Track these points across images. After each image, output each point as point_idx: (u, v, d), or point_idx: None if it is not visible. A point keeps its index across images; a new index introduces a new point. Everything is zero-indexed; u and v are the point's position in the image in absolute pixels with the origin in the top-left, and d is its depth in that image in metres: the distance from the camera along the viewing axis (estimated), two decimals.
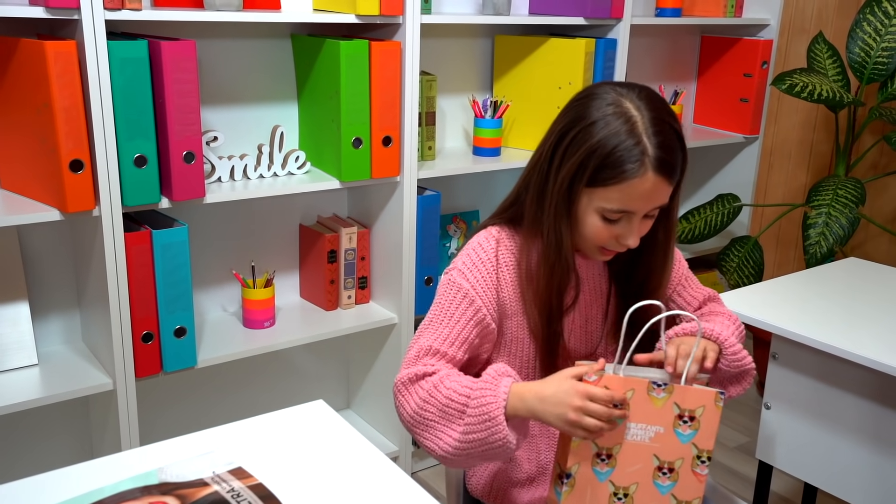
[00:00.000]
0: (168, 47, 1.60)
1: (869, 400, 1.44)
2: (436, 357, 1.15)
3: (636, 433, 1.10)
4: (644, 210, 1.11)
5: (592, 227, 1.13)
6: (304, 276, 2.22)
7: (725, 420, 2.67)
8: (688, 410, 1.11)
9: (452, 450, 1.09)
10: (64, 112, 1.52)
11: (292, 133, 2.11)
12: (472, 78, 2.38)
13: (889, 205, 2.82)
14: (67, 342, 1.90)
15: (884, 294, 1.64)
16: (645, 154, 1.06)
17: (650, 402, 1.10)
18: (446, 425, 1.10)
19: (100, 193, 1.61)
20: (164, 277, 1.72)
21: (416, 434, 1.14)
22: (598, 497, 1.10)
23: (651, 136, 1.07)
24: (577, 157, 1.09)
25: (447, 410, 1.09)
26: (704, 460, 1.12)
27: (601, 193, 1.10)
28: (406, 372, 1.15)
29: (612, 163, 1.07)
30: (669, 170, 1.08)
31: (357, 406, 2.39)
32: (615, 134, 1.06)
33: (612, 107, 1.08)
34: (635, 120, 1.07)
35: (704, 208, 2.79)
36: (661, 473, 1.11)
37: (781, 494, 2.27)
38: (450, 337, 1.16)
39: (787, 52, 3.00)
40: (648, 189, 1.08)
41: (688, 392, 1.11)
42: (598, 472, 1.10)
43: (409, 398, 1.13)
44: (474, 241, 1.22)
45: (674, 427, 1.11)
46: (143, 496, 0.93)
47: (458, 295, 1.18)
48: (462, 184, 2.43)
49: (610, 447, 1.10)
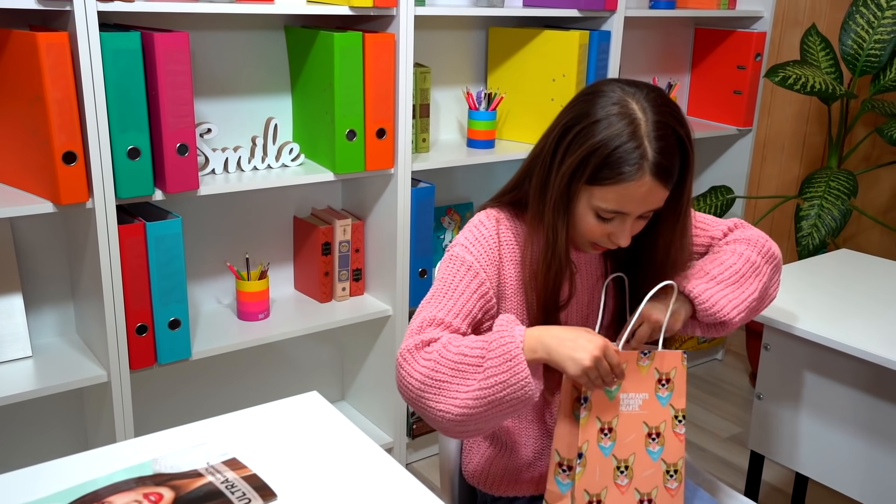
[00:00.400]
0: (161, 39, 1.59)
1: (860, 391, 1.45)
2: (440, 327, 1.15)
3: (628, 403, 1.15)
4: (637, 212, 1.12)
5: (587, 224, 1.14)
6: (298, 269, 2.22)
7: (718, 411, 2.69)
8: (665, 374, 1.17)
9: (472, 402, 1.07)
10: (56, 104, 1.52)
11: (286, 125, 2.10)
12: (467, 70, 2.38)
13: (881, 196, 2.83)
14: (61, 334, 1.91)
15: (875, 285, 1.65)
16: (644, 158, 1.07)
17: (638, 371, 1.16)
18: (461, 381, 1.08)
19: (93, 186, 1.61)
20: (158, 269, 1.72)
21: (424, 402, 1.10)
22: (605, 473, 1.13)
23: (652, 141, 1.07)
24: (579, 154, 1.09)
25: (460, 367, 1.08)
26: (681, 419, 1.18)
27: (598, 192, 1.11)
28: (411, 341, 1.13)
29: (612, 163, 1.08)
30: (666, 175, 1.09)
31: (352, 398, 2.40)
32: (617, 135, 1.07)
33: (617, 106, 1.09)
34: (639, 122, 1.08)
35: (698, 200, 2.80)
36: (651, 440, 1.16)
37: (773, 484, 2.29)
38: (454, 309, 1.16)
39: (781, 44, 3.00)
40: (644, 193, 1.09)
41: (664, 356, 1.17)
42: (603, 448, 1.13)
43: (416, 364, 1.10)
44: (475, 219, 1.23)
45: (655, 392, 1.17)
46: (138, 487, 0.94)
47: (461, 268, 1.18)
48: (456, 176, 2.44)
49: (610, 420, 1.14)
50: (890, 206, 2.82)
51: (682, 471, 1.17)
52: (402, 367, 1.13)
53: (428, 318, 1.16)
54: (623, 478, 1.13)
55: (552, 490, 1.15)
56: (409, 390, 1.12)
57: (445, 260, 1.22)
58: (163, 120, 1.64)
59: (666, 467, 1.16)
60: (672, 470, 1.16)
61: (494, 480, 1.30)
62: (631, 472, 1.14)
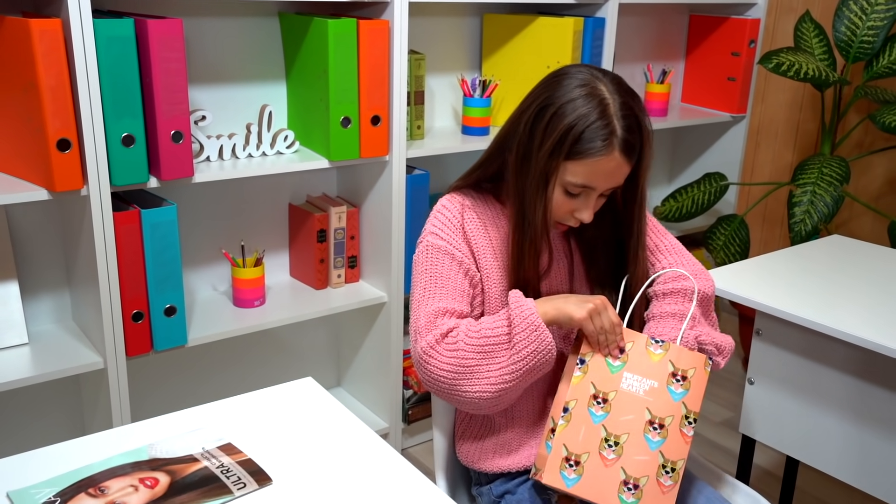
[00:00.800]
0: (155, 25, 1.59)
1: (851, 375, 1.47)
2: (447, 315, 1.22)
3: (632, 383, 1.16)
4: (603, 187, 1.19)
5: (555, 200, 1.21)
6: (293, 256, 2.23)
7: (710, 395, 2.71)
8: (681, 370, 1.18)
9: (508, 377, 1.17)
10: (50, 91, 1.52)
11: (281, 112, 2.10)
12: (461, 57, 2.38)
13: (873, 183, 2.84)
14: (58, 321, 1.91)
15: (867, 271, 1.66)
16: (613, 134, 1.15)
17: (647, 356, 1.18)
18: (491, 361, 1.17)
19: (87, 173, 1.61)
20: (153, 257, 1.73)
21: (459, 389, 1.18)
22: (590, 438, 1.14)
23: (620, 119, 1.15)
24: (556, 134, 1.16)
25: (486, 349, 1.17)
26: (691, 421, 1.17)
27: (570, 167, 1.17)
28: (430, 336, 1.20)
29: (584, 139, 1.15)
30: (632, 152, 1.17)
31: (347, 384, 2.41)
32: (588, 114, 1.15)
33: (586, 87, 1.16)
34: (608, 103, 1.16)
35: (692, 187, 2.80)
36: (653, 428, 1.15)
37: (764, 468, 2.31)
38: (449, 293, 1.23)
39: (775, 30, 3.00)
40: (612, 168, 1.16)
41: (682, 353, 1.18)
42: (593, 414, 1.15)
43: (442, 357, 1.19)
44: (438, 205, 1.30)
45: (667, 384, 1.17)
46: (134, 472, 0.95)
47: (439, 254, 1.25)
48: (451, 163, 2.44)
49: (606, 392, 1.16)
50: (882, 193, 2.83)
51: (680, 472, 1.15)
52: (428, 364, 1.20)
53: (432, 311, 1.22)
54: (610, 452, 1.14)
55: (541, 453, 1.17)
56: (440, 382, 1.19)
57: (422, 252, 1.27)
58: (157, 107, 1.64)
59: (663, 461, 1.15)
60: (670, 467, 1.15)
61: (487, 458, 1.31)
62: (620, 450, 1.14)
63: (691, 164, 3.03)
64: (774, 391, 1.59)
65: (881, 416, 1.43)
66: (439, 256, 1.25)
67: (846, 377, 1.47)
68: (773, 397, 1.59)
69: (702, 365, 1.18)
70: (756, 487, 2.15)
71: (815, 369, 1.52)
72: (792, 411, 1.57)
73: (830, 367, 1.49)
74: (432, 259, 1.25)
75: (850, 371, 1.47)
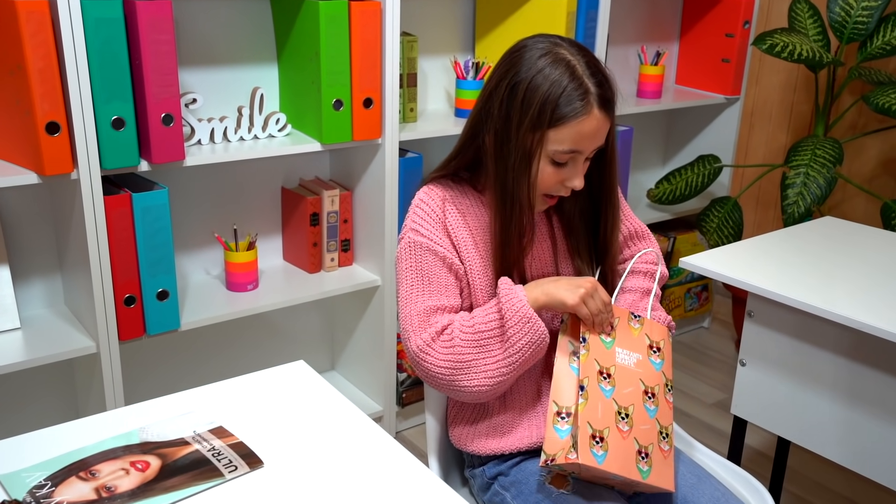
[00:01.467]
0: (144, 7, 1.57)
1: (842, 356, 1.47)
2: (439, 312, 1.23)
3: (623, 357, 1.21)
4: (590, 149, 1.20)
5: (543, 173, 1.20)
6: (286, 239, 2.22)
7: (702, 377, 2.73)
8: (655, 342, 1.24)
9: (505, 369, 1.18)
10: (38, 73, 1.50)
11: (273, 95, 2.09)
12: (454, 39, 2.36)
13: (866, 165, 2.85)
14: (50, 306, 1.91)
15: (859, 253, 1.67)
16: (588, 93, 1.15)
17: (630, 330, 1.23)
18: (487, 354, 1.19)
19: (77, 156, 1.60)
20: (145, 241, 1.72)
21: (457, 384, 1.20)
22: (607, 413, 1.16)
23: (590, 77, 1.16)
24: (535, 107, 1.16)
25: (481, 342, 1.18)
26: (671, 388, 1.24)
27: (553, 136, 1.17)
28: (425, 335, 1.21)
29: (562, 104, 1.15)
30: (609, 106, 1.18)
31: (342, 367, 2.41)
32: (559, 80, 1.15)
33: (550, 55, 1.17)
34: (574, 65, 1.16)
35: (685, 169, 2.80)
36: (648, 397, 1.20)
37: (756, 448, 2.33)
38: (436, 290, 1.23)
39: (770, 11, 2.99)
40: (595, 126, 1.17)
41: (653, 326, 1.26)
42: (604, 389, 1.17)
43: (438, 353, 1.20)
44: (416, 199, 1.29)
45: (648, 356, 1.23)
46: (125, 455, 0.95)
47: (422, 252, 1.24)
48: (444, 145, 2.42)
49: (608, 367, 1.19)
50: (875, 175, 2.83)
51: (671, 436, 1.20)
52: (425, 361, 1.21)
53: (422, 309, 1.22)
54: (624, 424, 1.16)
55: (551, 437, 1.16)
56: (439, 378, 1.21)
57: (404, 248, 1.27)
58: (147, 90, 1.63)
59: (660, 428, 1.19)
60: (664, 432, 1.20)
61: (480, 440, 1.32)
62: (631, 421, 1.17)
63: (685, 146, 3.03)
64: (766, 373, 1.60)
65: (872, 398, 1.44)
66: (422, 253, 1.24)
67: (838, 358, 1.48)
68: (765, 379, 1.60)
69: (667, 336, 1.27)
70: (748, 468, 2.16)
71: (807, 351, 1.52)
72: (784, 393, 1.57)
73: (822, 348, 1.50)
74: (416, 256, 1.25)
75: (841, 352, 1.47)
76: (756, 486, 1.34)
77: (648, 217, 2.79)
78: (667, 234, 2.93)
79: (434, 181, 1.31)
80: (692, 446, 1.45)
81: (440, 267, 1.24)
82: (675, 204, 2.82)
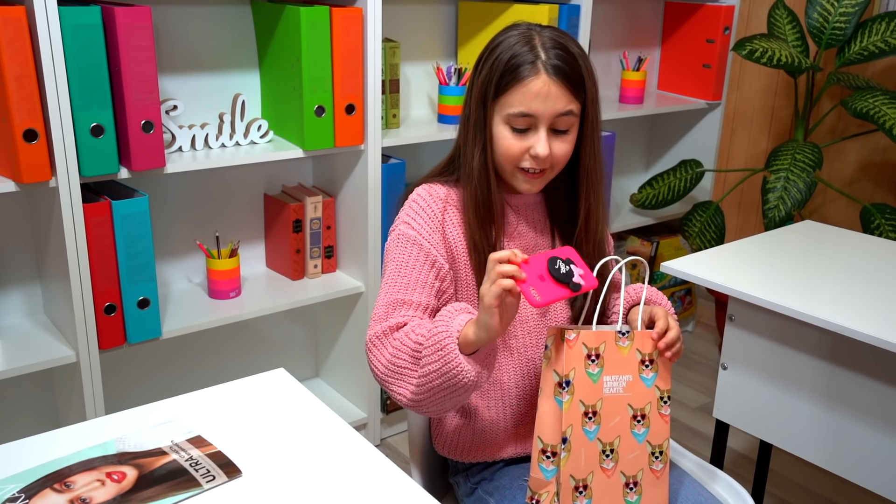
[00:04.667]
0: (123, 13, 1.57)
1: (822, 360, 1.48)
2: (404, 307, 1.19)
3: (612, 385, 1.13)
4: (545, 114, 1.17)
5: (503, 140, 1.19)
6: (269, 246, 2.21)
7: (687, 381, 2.74)
8: (647, 354, 1.16)
9: (416, 389, 1.11)
10: (15, 81, 1.49)
11: (254, 101, 2.08)
12: (436, 45, 2.37)
13: (846, 169, 2.87)
14: (29, 315, 1.89)
15: (838, 256, 1.68)
16: (538, 59, 1.16)
17: (618, 351, 1.14)
18: (415, 367, 1.12)
19: (56, 164, 1.59)
20: (125, 248, 1.71)
21: (388, 386, 1.16)
22: (590, 457, 1.12)
23: (547, 50, 1.16)
24: (483, 75, 1.19)
25: (415, 354, 1.12)
26: (666, 400, 1.17)
27: (504, 100, 1.17)
28: (378, 327, 1.17)
29: (509, 69, 1.16)
30: (564, 76, 1.16)
31: (326, 374, 2.40)
32: (512, 47, 1.17)
33: (516, 34, 1.19)
34: (533, 37, 1.18)
35: (668, 174, 2.82)
36: (636, 422, 1.15)
37: (739, 451, 2.34)
38: (410, 284, 1.20)
39: (749, 17, 3.02)
40: (545, 91, 1.16)
41: (644, 337, 1.16)
42: (588, 432, 1.12)
43: (383, 350, 1.16)
44: (413, 194, 1.27)
45: (639, 373, 1.15)
46: (101, 466, 0.94)
47: (407, 244, 1.22)
48: (427, 151, 2.43)
49: (594, 403, 1.12)
50: (854, 178, 2.86)
51: (667, 452, 1.17)
52: (369, 353, 1.18)
53: (390, 301, 1.19)
54: (609, 461, 1.13)
55: (536, 477, 1.12)
56: (375, 374, 1.18)
57: (392, 240, 1.25)
58: (126, 96, 1.62)
59: (651, 449, 1.16)
60: (657, 451, 1.16)
61: (464, 448, 1.31)
62: (616, 456, 1.13)
63: (667, 151, 3.05)
64: (748, 376, 1.60)
65: (851, 400, 1.45)
66: (408, 246, 1.22)
67: (818, 361, 1.49)
68: (747, 382, 1.61)
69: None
70: (730, 470, 2.17)
71: (788, 354, 1.53)
72: (765, 396, 1.58)
73: (803, 351, 1.51)
74: (401, 248, 1.23)
75: (821, 355, 1.48)
76: (738, 489, 1.35)
77: (631, 222, 2.80)
78: (650, 239, 2.94)
79: (435, 179, 1.29)
80: (675, 450, 1.45)
81: (422, 263, 1.21)
82: (658, 208, 2.84)
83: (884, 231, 2.41)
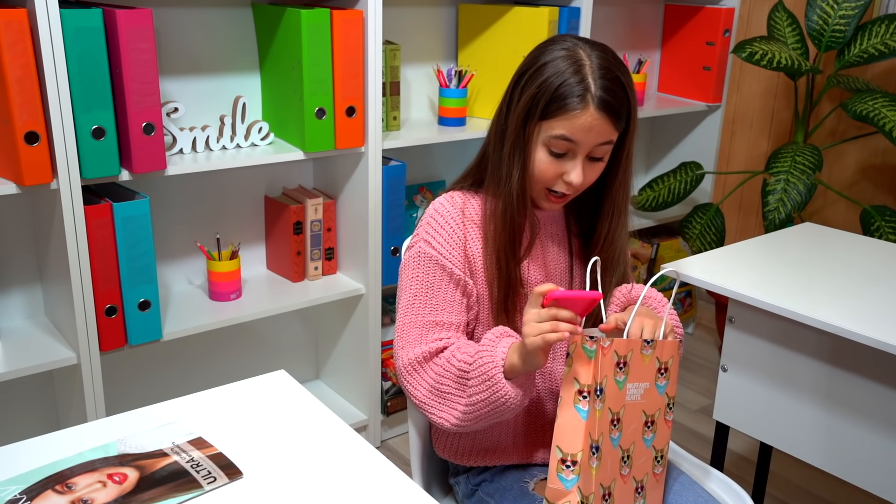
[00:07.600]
0: (124, 16, 1.57)
1: (822, 361, 1.48)
2: (438, 329, 1.19)
3: (633, 393, 1.13)
4: (587, 143, 1.16)
5: (540, 162, 1.18)
6: (270, 248, 2.21)
7: (687, 383, 2.74)
8: (664, 363, 1.16)
9: (462, 416, 1.15)
10: (17, 83, 1.50)
11: (255, 104, 2.09)
12: (437, 47, 2.37)
13: (846, 171, 2.87)
14: (30, 317, 1.89)
15: (838, 258, 1.68)
16: (588, 91, 1.13)
17: (642, 360, 1.14)
18: (461, 393, 1.15)
19: (57, 166, 1.59)
20: (126, 251, 1.71)
21: (429, 410, 1.18)
22: (614, 464, 1.11)
23: (597, 79, 1.13)
24: (529, 94, 1.16)
25: (460, 380, 1.15)
26: (671, 406, 1.18)
27: (547, 124, 1.16)
28: (414, 352, 1.18)
29: (557, 97, 1.14)
30: (611, 110, 1.14)
31: (326, 376, 2.40)
32: (562, 72, 1.14)
33: (564, 51, 1.16)
34: (583, 63, 1.14)
35: (668, 176, 2.82)
36: (647, 428, 1.15)
37: (739, 453, 2.34)
38: (439, 304, 1.20)
39: (749, 19, 3.02)
40: (589, 123, 1.14)
41: (665, 345, 1.16)
42: (613, 439, 1.10)
43: (424, 376, 1.17)
44: (435, 203, 1.26)
45: (655, 380, 1.15)
46: (102, 467, 0.94)
47: (429, 264, 1.21)
48: (428, 154, 2.43)
49: (618, 411, 1.11)
50: (854, 181, 2.86)
51: (667, 455, 1.18)
52: (409, 378, 1.19)
53: (422, 322, 1.19)
54: (625, 468, 1.12)
55: (554, 488, 1.07)
56: (414, 399, 1.20)
57: (412, 257, 1.23)
58: (127, 99, 1.62)
59: (655, 453, 1.16)
60: (659, 455, 1.17)
61: (464, 453, 1.32)
62: (631, 462, 1.13)
63: (668, 153, 3.05)
64: (748, 378, 1.61)
65: (851, 402, 1.45)
66: (430, 266, 1.21)
67: (818, 363, 1.49)
68: (747, 384, 1.61)
69: (676, 349, 1.18)
70: (730, 472, 2.17)
71: (788, 356, 1.53)
72: (764, 397, 1.58)
73: (802, 353, 1.51)
74: (423, 268, 1.21)
75: (821, 357, 1.48)
76: (738, 491, 1.35)
77: (632, 224, 2.80)
78: (650, 241, 2.94)
79: (456, 188, 1.28)
80: (675, 453, 1.45)
81: (447, 282, 1.20)
82: (658, 210, 2.84)
83: (884, 233, 2.42)
